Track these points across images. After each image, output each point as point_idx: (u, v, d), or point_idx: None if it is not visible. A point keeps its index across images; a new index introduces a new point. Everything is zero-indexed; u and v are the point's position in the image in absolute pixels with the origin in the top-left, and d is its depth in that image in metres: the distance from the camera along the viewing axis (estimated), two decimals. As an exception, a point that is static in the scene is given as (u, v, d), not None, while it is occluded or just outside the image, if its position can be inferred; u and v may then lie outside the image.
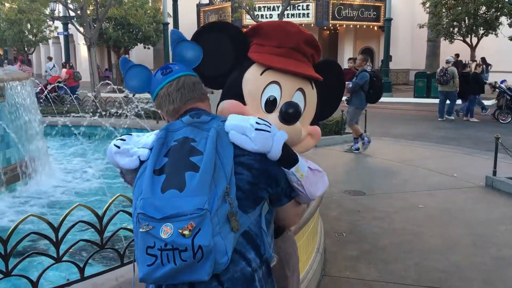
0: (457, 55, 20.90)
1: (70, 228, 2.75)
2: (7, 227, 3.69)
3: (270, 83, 1.75)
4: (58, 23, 26.73)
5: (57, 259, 2.72)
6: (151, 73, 1.67)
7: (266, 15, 23.85)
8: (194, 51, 1.67)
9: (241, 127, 1.45)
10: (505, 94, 12.97)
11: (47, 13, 23.23)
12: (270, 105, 1.73)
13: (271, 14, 23.59)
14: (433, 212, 5.39)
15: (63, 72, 18.88)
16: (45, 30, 28.83)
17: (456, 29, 19.28)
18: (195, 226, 1.27)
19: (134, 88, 1.65)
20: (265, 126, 1.46)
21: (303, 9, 24.63)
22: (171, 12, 21.41)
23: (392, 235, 4.69)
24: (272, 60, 1.77)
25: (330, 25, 26.15)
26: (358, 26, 26.70)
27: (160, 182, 1.36)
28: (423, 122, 13.23)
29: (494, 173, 6.37)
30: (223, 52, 1.82)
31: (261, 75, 1.77)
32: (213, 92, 2.42)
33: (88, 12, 15.84)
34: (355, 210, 5.37)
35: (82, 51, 29.56)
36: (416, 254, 4.23)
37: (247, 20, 22.60)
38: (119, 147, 1.56)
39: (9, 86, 5.61)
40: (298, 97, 1.79)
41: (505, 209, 5.55)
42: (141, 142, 1.55)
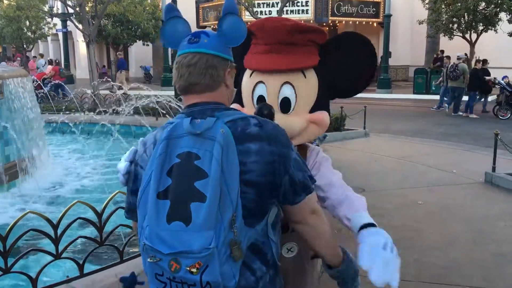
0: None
1: (69, 225, 2.75)
2: (6, 224, 3.68)
3: (257, 83, 1.87)
4: (56, 20, 26.63)
5: (56, 256, 2.72)
6: (189, 31, 1.51)
7: (265, 11, 23.80)
8: (238, 31, 1.49)
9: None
10: (505, 90, 12.98)
11: (45, 10, 23.17)
12: (261, 103, 1.82)
13: (270, 11, 23.52)
14: (433, 208, 5.39)
15: (49, 68, 18.87)
16: (43, 27, 28.75)
17: (455, 25, 19.24)
18: (202, 264, 1.27)
19: (166, 40, 1.52)
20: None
21: (302, 6, 24.56)
22: (170, 8, 21.33)
23: (392, 232, 4.64)
24: (255, 61, 1.88)
25: (330, 22, 26.07)
26: (357, 23, 26.62)
27: (165, 210, 1.31)
28: (422, 119, 13.23)
29: (494, 169, 6.37)
30: (235, 58, 1.86)
31: (250, 77, 1.91)
32: None
33: (86, 9, 15.81)
34: (354, 207, 5.37)
35: (81, 48, 29.51)
36: (415, 251, 4.23)
37: (246, 17, 22.54)
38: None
39: (7, 83, 5.60)
40: (286, 90, 1.84)
41: (504, 205, 5.55)
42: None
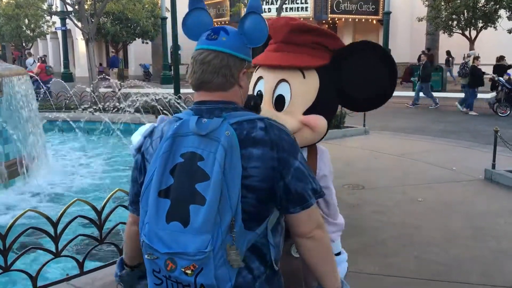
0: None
1: (69, 223, 2.75)
2: (5, 222, 3.68)
3: (258, 78, 1.91)
4: (56, 18, 26.60)
5: (56, 254, 2.73)
6: (210, 25, 1.49)
7: (265, 9, 23.77)
8: (259, 32, 1.45)
9: None
10: (504, 88, 12.99)
11: (44, 8, 23.14)
12: (260, 98, 1.87)
13: (269, 8, 23.47)
14: (433, 205, 5.39)
15: (35, 66, 18.88)
16: (42, 25, 28.71)
17: (455, 22, 19.21)
18: (197, 267, 1.28)
19: (187, 31, 1.50)
20: None
21: (301, 3, 24.51)
22: (169, 6, 21.29)
23: (392, 229, 4.69)
24: (260, 57, 1.91)
25: (329, 19, 26.03)
26: (357, 20, 26.58)
27: (165, 209, 1.33)
28: (422, 116, 13.23)
29: (493, 166, 6.37)
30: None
31: (255, 72, 1.94)
32: None
33: (85, 7, 15.77)
34: (354, 204, 5.37)
35: (80, 46, 29.43)
36: (415, 247, 4.24)
37: (245, 14, 22.54)
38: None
39: (7, 81, 5.59)
40: (282, 88, 1.85)
41: (504, 202, 5.56)
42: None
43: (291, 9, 24.00)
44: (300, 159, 1.42)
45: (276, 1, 22.54)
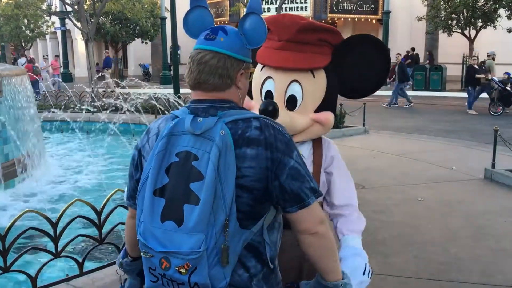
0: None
1: (69, 223, 2.74)
2: (5, 223, 3.68)
3: (266, 78, 1.91)
4: (55, 18, 26.57)
5: (56, 254, 2.72)
6: (211, 24, 1.48)
7: (264, 8, 23.76)
8: (259, 33, 1.44)
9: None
10: (497, 87, 13.06)
11: (44, 8, 23.13)
12: (268, 98, 1.88)
13: (269, 8, 23.48)
14: (433, 204, 5.39)
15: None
16: (42, 25, 28.69)
17: (454, 21, 19.23)
18: (191, 266, 1.30)
19: (187, 29, 1.49)
20: None
21: (301, 3, 24.53)
22: (168, 6, 21.29)
23: (392, 228, 4.69)
24: (266, 56, 1.91)
25: (328, 19, 26.02)
26: (356, 19, 26.59)
27: (160, 208, 1.34)
28: (421, 115, 13.24)
29: (493, 165, 6.37)
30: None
31: (260, 71, 1.95)
32: None
33: (85, 7, 15.77)
34: (354, 203, 5.37)
35: (80, 46, 29.42)
36: (415, 247, 4.23)
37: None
38: None
39: (6, 81, 5.59)
40: (294, 88, 1.87)
41: (504, 201, 5.56)
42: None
43: (290, 8, 24.00)
44: (296, 158, 1.40)
45: (276, 0, 22.53)
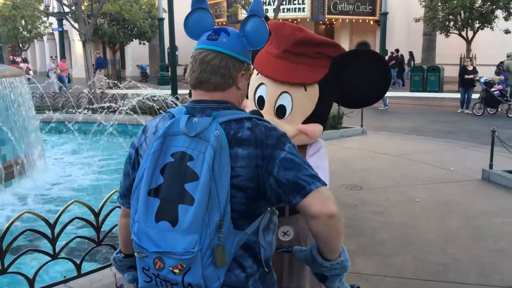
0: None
1: (66, 225, 2.73)
2: (2, 224, 3.67)
3: (260, 84, 1.99)
4: (52, 19, 26.54)
5: (54, 256, 2.71)
6: (212, 25, 1.50)
7: (261, 9, 23.76)
8: (260, 36, 1.47)
9: None
10: (483, 88, 13.18)
11: (41, 9, 23.08)
12: (260, 102, 1.98)
13: (267, 9, 23.45)
14: (430, 205, 5.40)
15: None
16: (39, 26, 28.67)
17: (451, 22, 19.27)
18: (185, 266, 1.30)
19: (188, 30, 1.51)
20: None
21: (298, 4, 24.55)
22: (166, 7, 21.30)
23: (390, 229, 4.69)
24: (262, 63, 1.98)
25: (326, 20, 26.09)
26: (354, 21, 26.63)
27: (155, 208, 1.35)
28: (419, 116, 13.26)
29: (491, 166, 6.37)
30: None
31: (256, 75, 2.02)
32: None
33: (82, 7, 15.73)
34: (352, 205, 5.37)
35: (77, 47, 29.40)
36: (413, 248, 4.24)
37: (242, 15, 22.50)
38: None
39: (3, 82, 5.57)
40: (284, 99, 1.94)
41: (501, 202, 5.57)
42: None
43: (288, 9, 24.03)
44: (289, 149, 1.38)
45: (274, 1, 22.53)
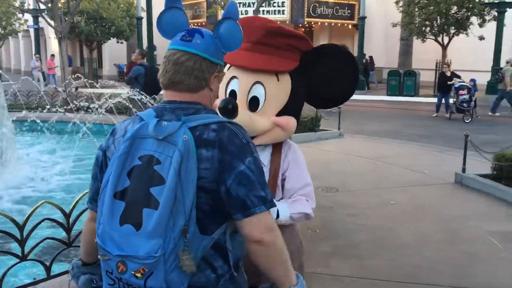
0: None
1: (36, 226, 2.66)
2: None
3: (232, 77, 1.96)
4: (28, 16, 26.04)
5: (22, 258, 2.64)
6: (186, 25, 1.48)
7: (241, 11, 23.77)
8: (234, 38, 1.47)
9: None
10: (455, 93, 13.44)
11: (16, 5, 22.60)
12: (232, 97, 1.93)
13: (246, 11, 23.51)
14: (406, 208, 5.45)
15: None
16: (14, 23, 28.07)
17: (428, 28, 19.63)
18: (147, 271, 1.28)
19: (162, 29, 1.49)
20: None
21: (278, 6, 24.64)
22: (145, 6, 21.13)
23: (366, 231, 4.72)
24: (233, 56, 1.89)
25: (306, 23, 26.24)
26: (332, 24, 26.89)
27: (120, 211, 1.33)
28: (395, 120, 13.43)
29: (464, 170, 6.48)
30: None
31: (227, 70, 1.97)
32: None
33: (59, 5, 15.47)
34: (328, 207, 5.39)
35: (53, 45, 28.86)
36: (389, 250, 4.27)
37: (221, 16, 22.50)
38: None
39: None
40: (257, 89, 1.91)
41: (474, 205, 5.66)
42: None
43: (268, 12, 24.07)
44: (249, 164, 1.37)
45: (253, 3, 22.57)
